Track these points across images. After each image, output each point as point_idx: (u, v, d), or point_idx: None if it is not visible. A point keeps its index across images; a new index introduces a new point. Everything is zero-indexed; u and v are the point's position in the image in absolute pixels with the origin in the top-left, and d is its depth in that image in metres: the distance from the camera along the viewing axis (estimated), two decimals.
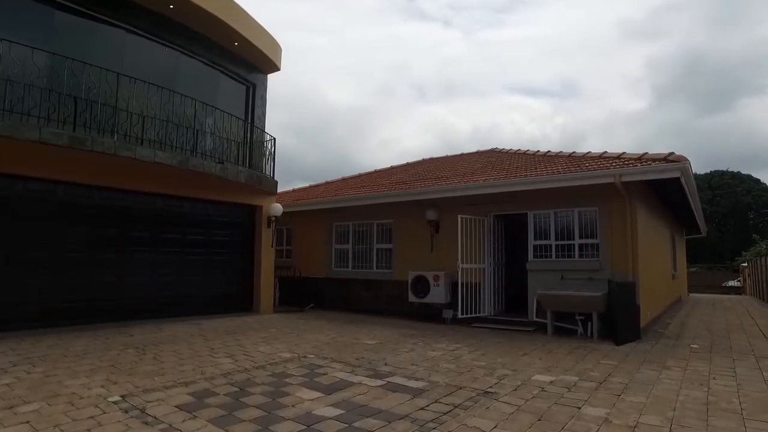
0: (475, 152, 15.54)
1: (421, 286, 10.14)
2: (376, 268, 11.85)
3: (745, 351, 6.95)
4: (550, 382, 5.10)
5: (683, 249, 19.63)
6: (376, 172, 16.07)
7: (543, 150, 12.39)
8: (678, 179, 7.84)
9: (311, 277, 12.97)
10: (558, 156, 11.09)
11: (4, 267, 7.32)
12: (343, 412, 4.04)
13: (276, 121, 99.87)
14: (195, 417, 3.85)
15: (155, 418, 3.81)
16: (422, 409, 4.14)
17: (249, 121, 11.63)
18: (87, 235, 8.33)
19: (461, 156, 15.63)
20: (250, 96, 11.94)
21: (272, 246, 11.60)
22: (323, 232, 12.96)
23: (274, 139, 11.36)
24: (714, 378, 5.29)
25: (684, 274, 20.05)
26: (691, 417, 3.98)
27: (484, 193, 9.55)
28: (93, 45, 8.53)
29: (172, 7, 9.21)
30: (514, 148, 13.93)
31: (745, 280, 25.61)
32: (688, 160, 7.88)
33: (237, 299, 10.86)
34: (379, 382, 4.99)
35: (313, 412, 4.03)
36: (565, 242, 9.09)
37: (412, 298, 10.30)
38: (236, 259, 10.95)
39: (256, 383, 4.89)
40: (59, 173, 7.77)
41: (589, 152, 10.39)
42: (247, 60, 11.57)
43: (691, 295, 20.67)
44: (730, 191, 47.74)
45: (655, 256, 10.59)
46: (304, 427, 3.68)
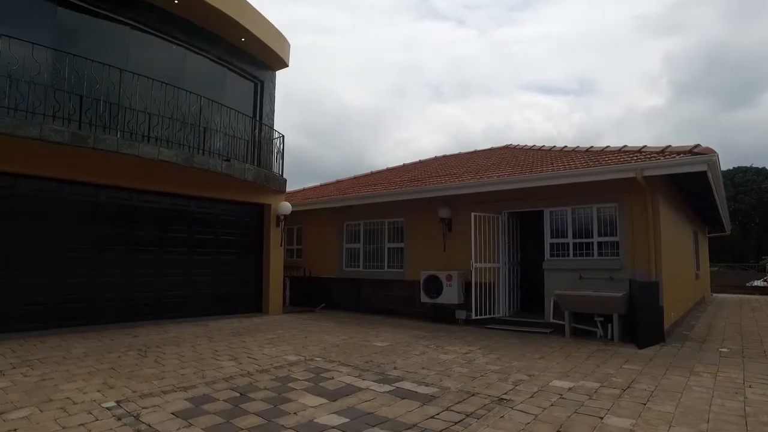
0: (489, 149, 15.19)
1: (434, 286, 9.86)
2: (388, 268, 11.59)
3: None
4: (569, 388, 4.78)
5: (706, 247, 18.96)
6: (387, 170, 15.80)
7: (559, 146, 11.98)
8: (704, 173, 7.42)
9: (322, 276, 12.80)
10: (575, 151, 10.69)
11: (10, 267, 7.22)
12: (347, 420, 3.79)
13: (292, 123, 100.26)
14: (190, 425, 3.64)
15: (149, 425, 3.61)
16: (432, 417, 3.88)
17: (257, 119, 11.45)
18: (93, 235, 8.20)
19: (474, 153, 15.27)
20: (258, 93, 11.74)
21: (281, 245, 11.41)
22: (334, 231, 12.75)
23: (283, 136, 11.18)
24: (750, 386, 4.88)
25: (707, 273, 19.40)
26: (729, 431, 3.63)
27: (498, 189, 9.24)
28: (97, 41, 8.38)
29: (177, 1, 9.05)
30: (529, 144, 13.55)
31: None
32: (715, 153, 7.44)
33: (245, 300, 10.67)
34: (387, 388, 4.73)
35: (316, 420, 3.79)
36: (584, 240, 8.73)
37: (424, 298, 10.03)
38: (244, 258, 10.76)
39: (258, 388, 4.67)
40: (63, 172, 7.65)
41: (608, 146, 9.98)
42: (255, 56, 11.36)
43: (715, 295, 19.98)
44: (755, 188, 46.31)
45: (678, 254, 10.14)
46: None
